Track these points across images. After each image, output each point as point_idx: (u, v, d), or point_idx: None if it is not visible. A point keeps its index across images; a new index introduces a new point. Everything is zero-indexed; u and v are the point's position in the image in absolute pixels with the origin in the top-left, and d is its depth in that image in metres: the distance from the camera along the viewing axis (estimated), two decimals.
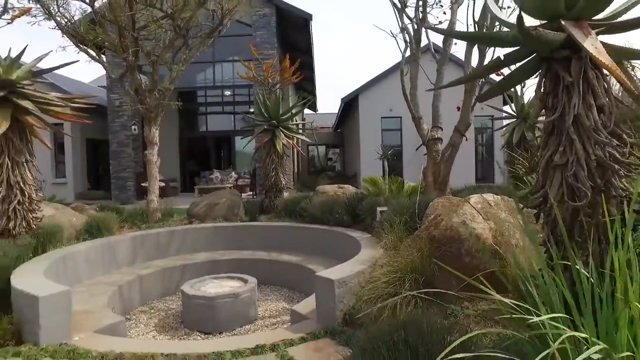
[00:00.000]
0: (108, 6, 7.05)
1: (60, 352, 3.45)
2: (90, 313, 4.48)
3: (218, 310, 5.16)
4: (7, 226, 5.23)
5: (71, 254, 5.67)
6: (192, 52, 8.06)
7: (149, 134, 7.94)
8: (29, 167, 5.38)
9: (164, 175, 16.29)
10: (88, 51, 7.59)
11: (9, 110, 4.83)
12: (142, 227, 7.75)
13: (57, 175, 17.00)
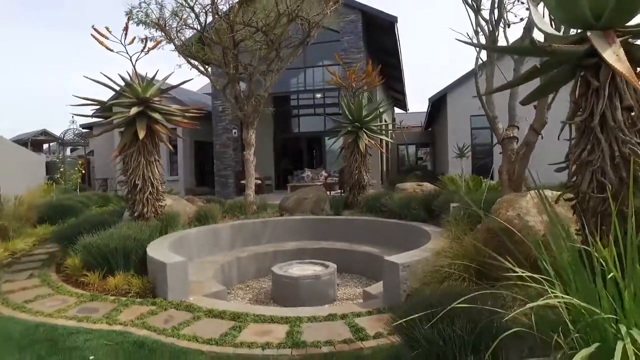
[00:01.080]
0: (214, 31, 8.37)
1: (180, 306, 4.49)
2: (200, 282, 5.56)
3: (301, 288, 5.95)
4: (142, 211, 6.63)
5: (186, 235, 6.93)
6: (283, 62, 9.08)
7: (246, 137, 9.12)
8: (157, 165, 6.74)
9: (260, 173, 17.85)
10: (198, 67, 9.02)
11: (145, 121, 6.19)
12: (241, 217, 8.92)
13: (172, 173, 19.56)
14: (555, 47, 2.43)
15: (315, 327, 3.91)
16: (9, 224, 7.91)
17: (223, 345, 3.57)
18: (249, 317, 4.19)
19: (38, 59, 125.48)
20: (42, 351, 3.43)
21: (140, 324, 4.00)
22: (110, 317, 4.19)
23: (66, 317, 4.22)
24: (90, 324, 4.02)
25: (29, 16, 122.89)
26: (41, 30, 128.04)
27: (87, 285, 5.17)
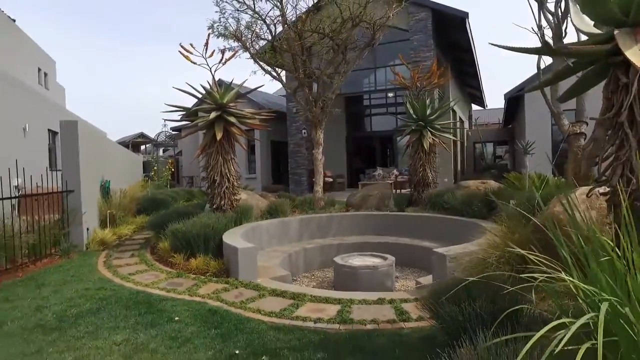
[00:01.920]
0: (284, 39, 9.08)
1: (249, 285, 5.14)
2: (268, 268, 6.21)
3: (359, 278, 6.36)
4: (220, 204, 7.49)
5: (258, 226, 7.68)
6: (349, 65, 9.53)
7: (315, 136, 9.71)
8: (233, 163, 7.56)
9: (332, 172, 18.51)
10: (271, 72, 9.80)
11: (222, 123, 7.03)
12: (309, 212, 9.53)
13: (250, 172, 20.93)
14: (572, 48, 2.60)
15: (364, 309, 4.31)
16: (116, 213, 9.31)
17: (281, 317, 4.12)
18: (306, 297, 4.70)
19: (137, 68, 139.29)
20: (142, 310, 4.25)
21: (215, 297, 4.70)
22: (191, 290, 4.96)
23: (158, 288, 5.08)
24: (176, 294, 4.81)
25: (141, 35, 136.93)
26: (144, 46, 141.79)
27: (174, 265, 6.07)
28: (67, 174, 7.22)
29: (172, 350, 3.37)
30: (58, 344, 3.51)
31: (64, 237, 6.97)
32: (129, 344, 3.51)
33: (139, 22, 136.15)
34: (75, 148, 7.23)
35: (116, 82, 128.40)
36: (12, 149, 10.04)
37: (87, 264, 6.34)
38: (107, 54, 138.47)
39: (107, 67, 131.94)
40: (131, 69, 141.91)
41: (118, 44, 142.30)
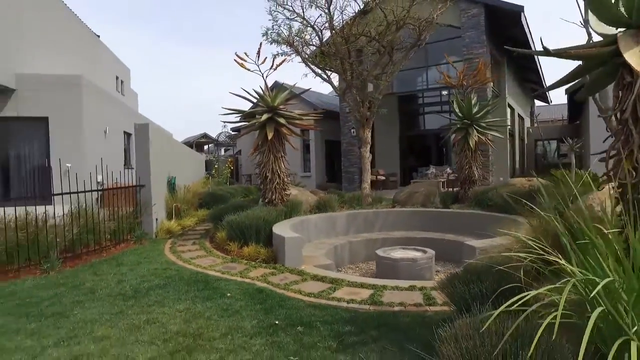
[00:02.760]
0: (332, 44, 9.59)
1: (294, 271, 5.70)
2: (313, 257, 6.74)
3: (399, 269, 6.70)
4: (271, 198, 8.16)
5: (306, 220, 8.25)
6: (396, 66, 9.82)
7: (362, 135, 10.12)
8: (283, 161, 8.20)
9: (384, 170, 18.74)
10: (321, 75, 10.35)
11: (272, 124, 7.68)
12: (356, 208, 9.96)
13: (305, 170, 21.68)
14: (572, 52, 2.84)
15: (395, 294, 4.70)
16: (181, 206, 10.33)
17: (318, 298, 4.62)
18: (344, 282, 5.17)
19: (198, 72, 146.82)
20: (200, 287, 4.95)
21: (262, 280, 5.31)
22: (243, 273, 5.61)
23: (214, 270, 5.79)
24: (229, 276, 5.48)
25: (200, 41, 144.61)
26: (206, 50, 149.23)
27: (229, 252, 6.79)
28: (139, 170, 8.24)
29: (223, 319, 3.99)
30: (134, 309, 4.27)
31: (138, 225, 7.97)
32: (189, 312, 4.18)
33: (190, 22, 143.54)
34: (146, 147, 8.23)
35: (170, 82, 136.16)
36: (95, 149, 11.45)
37: (156, 249, 7.25)
38: (163, 55, 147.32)
39: (160, 69, 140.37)
40: (185, 70, 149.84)
41: (173, 45, 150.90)
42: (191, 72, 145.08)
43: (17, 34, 12.09)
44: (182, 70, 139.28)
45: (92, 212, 6.97)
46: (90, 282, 5.29)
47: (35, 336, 3.66)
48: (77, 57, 16.09)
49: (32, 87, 11.53)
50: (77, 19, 16.78)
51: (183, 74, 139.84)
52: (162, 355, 3.25)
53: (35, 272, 5.75)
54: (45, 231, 6.21)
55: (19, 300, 4.63)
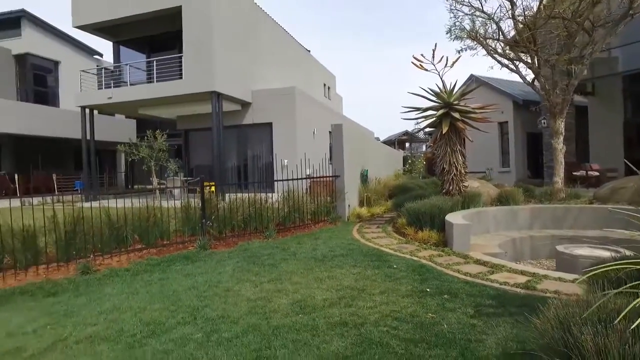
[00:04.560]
0: (517, 33, 9.18)
1: (460, 254, 6.16)
2: (484, 245, 6.97)
3: (578, 267, 6.29)
4: (448, 189, 8.61)
5: (484, 211, 8.38)
6: (598, 45, 8.73)
7: (553, 126, 9.41)
8: (459, 154, 8.52)
9: (600, 165, 16.28)
10: (508, 65, 10.02)
11: (448, 119, 8.12)
12: (545, 203, 9.39)
13: (503, 165, 20.53)
14: None
15: (554, 284, 4.71)
16: (371, 196, 11.68)
17: (474, 277, 5.04)
18: (504, 268, 5.40)
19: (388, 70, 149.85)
20: (373, 258, 6.00)
21: (428, 259, 5.98)
22: (413, 253, 6.38)
23: (389, 248, 6.75)
24: (400, 253, 6.35)
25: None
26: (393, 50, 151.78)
27: (406, 235, 7.64)
28: (335, 163, 9.86)
29: (385, 282, 4.89)
30: (320, 268, 5.60)
31: (333, 209, 9.60)
32: (359, 274, 5.24)
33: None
34: (340, 144, 9.78)
35: (377, 84, 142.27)
36: (305, 147, 13.90)
37: (346, 229, 8.66)
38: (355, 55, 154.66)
39: (362, 72, 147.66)
40: (386, 70, 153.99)
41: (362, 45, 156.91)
42: (391, 71, 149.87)
43: (254, 59, 15.62)
44: (383, 70, 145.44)
45: (298, 197, 8.87)
46: (294, 247, 6.96)
47: (257, 275, 5.33)
48: (293, 70, 19.47)
49: (262, 100, 14.77)
50: (293, 39, 20.22)
51: (384, 74, 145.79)
52: (333, 297, 4.38)
53: (260, 237, 7.84)
54: (266, 209, 8.33)
55: (249, 254, 6.58)
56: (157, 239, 7.20)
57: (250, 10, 15.78)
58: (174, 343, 3.39)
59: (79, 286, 5.17)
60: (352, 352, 3.12)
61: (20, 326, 3.94)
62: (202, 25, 13.24)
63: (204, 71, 13.12)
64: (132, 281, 5.32)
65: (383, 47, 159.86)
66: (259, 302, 4.29)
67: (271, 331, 3.54)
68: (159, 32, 15.41)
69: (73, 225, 6.28)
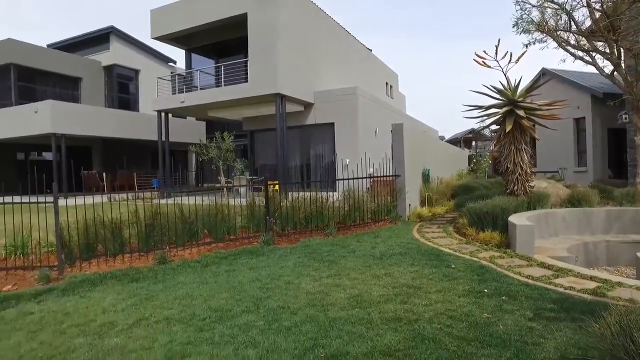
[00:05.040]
0: (594, 21, 8.52)
1: (523, 257, 5.97)
2: (551, 249, 6.67)
3: None
4: (513, 189, 8.28)
5: (552, 213, 7.98)
6: None
7: (637, 121, 8.68)
8: (524, 153, 8.15)
9: None
10: (583, 58, 9.36)
11: (512, 117, 7.80)
12: (625, 205, 8.70)
13: (579, 164, 19.12)
14: None
15: (629, 292, 4.43)
16: (433, 196, 11.52)
17: (536, 280, 4.88)
18: (571, 272, 5.17)
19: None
20: (431, 258, 6.00)
21: (488, 260, 5.86)
22: (473, 253, 6.28)
23: (448, 248, 6.69)
24: (459, 254, 6.28)
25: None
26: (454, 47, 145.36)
27: (467, 236, 7.50)
28: (395, 162, 9.87)
29: (442, 281, 4.91)
30: (378, 265, 5.72)
31: (393, 208, 9.62)
32: (417, 272, 5.29)
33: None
34: (401, 143, 9.77)
35: (440, 81, 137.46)
36: (367, 146, 13.99)
37: (406, 229, 8.66)
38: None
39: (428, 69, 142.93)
40: (456, 68, 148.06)
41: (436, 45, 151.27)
42: (462, 69, 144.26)
43: (316, 60, 15.98)
44: (451, 68, 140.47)
45: (358, 196, 9.02)
46: (353, 245, 7.12)
47: (316, 270, 5.57)
48: (355, 70, 19.59)
49: (324, 100, 15.07)
50: (354, 38, 20.32)
51: (453, 72, 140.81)
52: (389, 294, 4.48)
53: (320, 234, 8.09)
54: (327, 208, 8.57)
55: (310, 250, 6.84)
56: (224, 233, 7.70)
57: (313, 13, 16.14)
58: (238, 328, 3.71)
59: (157, 274, 5.73)
60: (404, 345, 3.23)
61: (112, 305, 4.50)
62: (266, 31, 13.81)
63: (268, 74, 13.68)
64: (202, 272, 5.79)
65: (450, 43, 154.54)
66: (318, 296, 4.51)
67: (328, 322, 3.74)
68: (226, 39, 16.28)
69: (152, 220, 6.94)
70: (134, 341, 3.54)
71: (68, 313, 4.32)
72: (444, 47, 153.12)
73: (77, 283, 5.37)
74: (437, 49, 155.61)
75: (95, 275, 5.69)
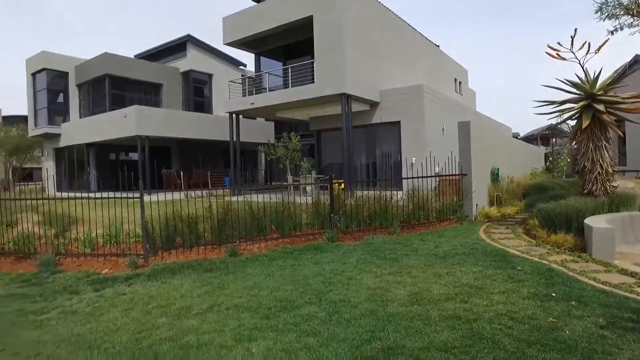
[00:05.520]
0: None
1: (600, 262, 5.61)
2: (637, 255, 6.15)
3: None
4: (591, 189, 7.72)
5: (638, 216, 7.33)
6: None
7: None
8: (605, 150, 7.55)
9: None
10: None
11: (590, 112, 7.26)
12: None
13: None
14: None
15: None
16: (502, 196, 11.06)
17: (613, 287, 4.57)
18: None
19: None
20: (496, 259, 5.85)
21: (560, 263, 5.59)
22: (542, 256, 6.01)
23: (516, 249, 6.46)
24: (527, 256, 6.04)
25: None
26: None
27: (537, 238, 7.17)
28: (462, 161, 9.62)
29: (506, 283, 4.78)
30: (441, 264, 5.69)
31: (459, 208, 9.40)
32: (480, 273, 5.20)
33: None
34: (467, 142, 9.51)
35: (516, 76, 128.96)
36: (434, 145, 13.73)
37: (472, 229, 8.44)
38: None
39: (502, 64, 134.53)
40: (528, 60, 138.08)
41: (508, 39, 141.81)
42: (539, 61, 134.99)
43: (382, 59, 15.95)
44: (527, 61, 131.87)
45: (423, 195, 8.94)
46: (416, 244, 7.11)
47: (378, 267, 5.68)
48: (421, 67, 19.22)
49: (389, 99, 15.02)
50: (421, 35, 19.92)
51: (530, 65, 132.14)
52: (450, 292, 4.48)
53: (384, 233, 8.15)
54: (391, 207, 8.61)
55: (373, 247, 6.95)
56: (290, 230, 8.04)
57: (378, 12, 16.12)
58: (301, 318, 3.94)
59: (228, 265, 6.17)
60: (461, 343, 3.25)
61: (189, 291, 4.96)
62: (331, 32, 14.05)
63: (333, 74, 13.93)
64: (269, 265, 6.13)
65: (525, 35, 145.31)
66: (378, 291, 4.63)
67: (386, 317, 3.85)
68: (293, 41, 16.77)
69: (224, 215, 7.45)
70: (208, 324, 3.91)
71: (152, 296, 4.84)
72: (519, 39, 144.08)
73: (159, 270, 5.96)
74: (511, 42, 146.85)
75: (174, 264, 6.27)
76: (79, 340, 3.72)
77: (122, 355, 3.37)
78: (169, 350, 3.41)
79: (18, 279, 5.93)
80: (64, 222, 7.88)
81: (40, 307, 4.68)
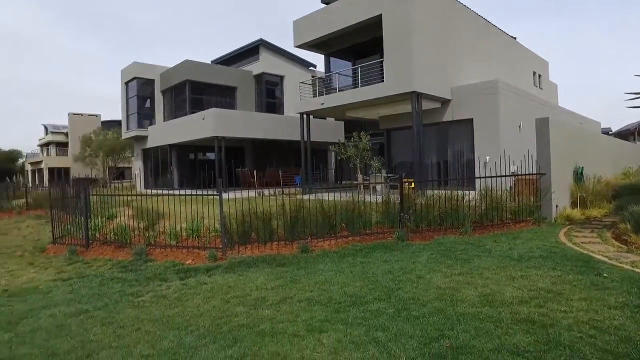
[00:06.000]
0: None
1: None
2: None
3: None
4: None
5: None
6: None
7: None
8: None
9: None
10: None
11: None
12: None
13: None
14: None
15: None
16: (587, 197, 10.27)
17: None
18: None
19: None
20: (578, 264, 5.50)
21: None
22: (635, 263, 5.56)
23: (602, 255, 6.01)
24: (616, 262, 5.61)
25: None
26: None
27: (629, 243, 6.60)
28: (540, 160, 9.08)
29: (589, 290, 4.49)
30: (515, 267, 5.48)
31: (537, 209, 8.89)
32: (559, 278, 4.93)
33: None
34: (546, 139, 8.95)
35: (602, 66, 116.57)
36: (509, 142, 13.07)
37: (551, 231, 7.95)
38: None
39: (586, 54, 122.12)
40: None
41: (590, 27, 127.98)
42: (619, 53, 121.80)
43: (454, 55, 15.48)
44: (619, 51, 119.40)
45: (497, 195, 8.60)
46: (489, 245, 6.88)
47: (448, 267, 5.61)
48: (496, 61, 18.31)
49: (461, 96, 14.54)
50: (496, 28, 18.96)
51: (622, 55, 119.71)
52: (524, 296, 4.32)
53: (455, 233, 7.97)
54: (462, 207, 8.38)
55: (443, 247, 6.85)
56: (360, 228, 8.15)
57: (448, 7, 15.63)
58: (370, 313, 4.05)
59: (299, 261, 6.45)
60: (535, 348, 3.16)
61: (263, 284, 5.29)
62: (400, 30, 13.90)
63: (403, 73, 13.77)
64: (339, 262, 6.30)
65: (616, 23, 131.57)
66: (447, 291, 4.60)
67: (455, 316, 3.83)
68: (362, 41, 16.81)
69: (295, 213, 7.76)
70: (281, 314, 4.16)
71: (230, 287, 5.23)
72: (608, 28, 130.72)
73: (236, 263, 6.40)
74: (599, 31, 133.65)
75: (250, 258, 6.68)
76: (169, 321, 4.15)
77: (205, 337, 3.71)
78: (247, 335, 3.70)
79: (118, 264, 6.71)
80: (153, 217, 8.70)
81: (136, 290, 5.28)
